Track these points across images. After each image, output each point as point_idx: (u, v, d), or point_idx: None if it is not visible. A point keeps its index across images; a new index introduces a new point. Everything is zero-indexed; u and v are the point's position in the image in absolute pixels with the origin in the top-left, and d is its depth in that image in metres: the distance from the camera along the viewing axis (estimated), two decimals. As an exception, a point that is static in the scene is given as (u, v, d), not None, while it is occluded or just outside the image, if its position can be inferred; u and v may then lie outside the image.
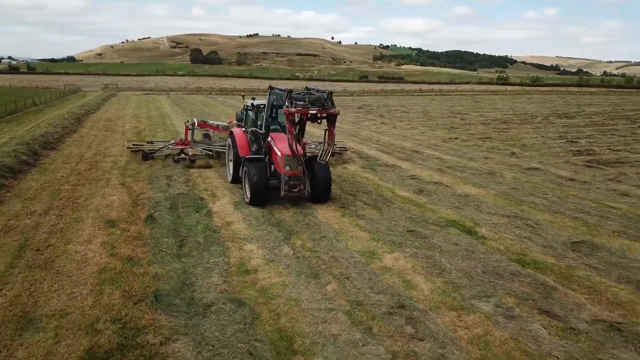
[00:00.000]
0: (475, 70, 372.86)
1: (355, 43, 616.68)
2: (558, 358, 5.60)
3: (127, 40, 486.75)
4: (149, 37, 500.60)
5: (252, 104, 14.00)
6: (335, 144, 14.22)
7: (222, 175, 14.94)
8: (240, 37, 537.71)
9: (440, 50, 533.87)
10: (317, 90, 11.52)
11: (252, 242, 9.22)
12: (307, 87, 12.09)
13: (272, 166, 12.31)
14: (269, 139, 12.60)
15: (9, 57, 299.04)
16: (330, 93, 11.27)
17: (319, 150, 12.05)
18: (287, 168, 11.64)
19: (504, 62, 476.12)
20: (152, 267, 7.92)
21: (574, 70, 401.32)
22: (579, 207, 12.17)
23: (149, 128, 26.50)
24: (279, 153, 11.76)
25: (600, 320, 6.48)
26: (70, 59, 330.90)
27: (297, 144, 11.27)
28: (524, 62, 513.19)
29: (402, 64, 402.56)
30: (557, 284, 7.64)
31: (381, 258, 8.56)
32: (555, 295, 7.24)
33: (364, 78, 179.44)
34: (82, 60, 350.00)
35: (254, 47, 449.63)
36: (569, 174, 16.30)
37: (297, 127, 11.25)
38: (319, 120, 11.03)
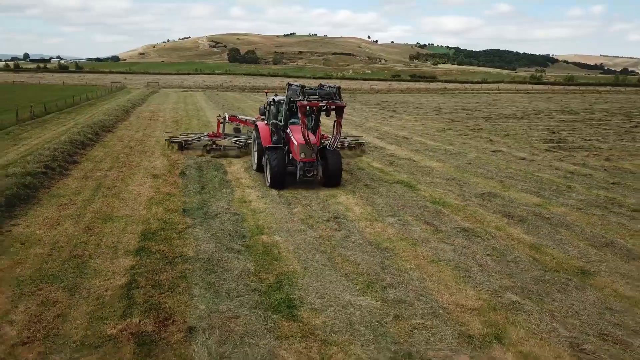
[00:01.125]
0: (514, 69, 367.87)
1: (392, 42, 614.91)
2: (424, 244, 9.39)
3: (168, 40, 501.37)
4: (189, 37, 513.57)
5: (273, 99, 15.34)
6: (347, 137, 17.40)
7: (247, 163, 16.85)
8: (277, 36, 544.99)
9: (478, 50, 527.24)
10: (328, 87, 13.16)
11: (252, 189, 13.26)
12: (320, 84, 13.75)
13: (290, 154, 13.64)
14: (288, 130, 13.93)
15: (58, 57, 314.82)
16: (339, 88, 13.05)
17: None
18: (302, 155, 13.07)
19: (544, 61, 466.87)
20: (182, 198, 12.10)
21: (619, 69, 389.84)
22: (509, 175, 15.76)
23: (185, 119, 31.04)
24: (295, 142, 13.17)
25: (459, 227, 10.24)
26: (115, 58, 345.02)
27: (312, 134, 12.91)
28: (566, 61, 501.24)
29: (439, 63, 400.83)
30: (448, 212, 11.39)
31: (337, 198, 12.49)
32: (441, 217, 11.01)
33: (396, 77, 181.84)
34: (125, 60, 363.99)
35: (291, 46, 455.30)
36: (524, 155, 19.73)
37: (313, 118, 13.34)
38: (329, 112, 12.83)
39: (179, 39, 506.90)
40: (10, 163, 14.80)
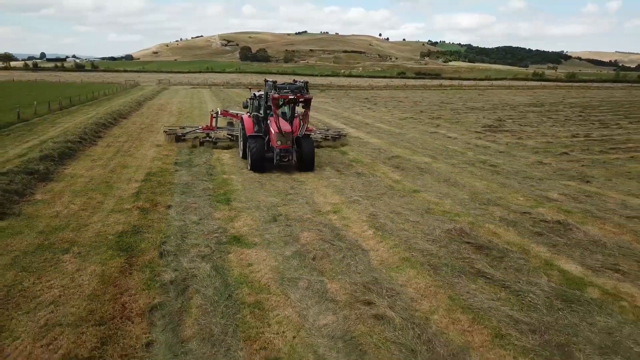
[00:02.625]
0: (526, 66, 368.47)
1: (404, 40, 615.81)
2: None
3: (181, 39, 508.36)
4: (202, 36, 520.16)
5: (254, 94, 17.02)
6: (330, 130, 21.70)
7: (235, 153, 18.81)
8: (288, 34, 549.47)
9: (490, 47, 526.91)
10: (299, 82, 15.30)
11: (231, 167, 18.40)
12: (294, 80, 15.80)
13: (270, 142, 15.37)
14: (268, 121, 15.65)
15: (73, 56, 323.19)
16: (306, 83, 15.29)
17: (324, 133, 19.64)
18: (279, 142, 14.83)
19: (557, 58, 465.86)
20: (176, 157, 17.38)
21: (634, 66, 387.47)
22: (425, 147, 20.79)
23: (189, 110, 36.41)
24: (273, 131, 15.04)
25: (357, 172, 15.34)
26: (128, 57, 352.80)
27: (287, 123, 15.24)
28: (579, 58, 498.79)
29: (450, 61, 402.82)
30: (357, 165, 16.49)
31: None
32: (351, 168, 16.10)
33: (401, 74, 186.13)
34: (139, 59, 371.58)
35: (302, 44, 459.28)
36: (455, 135, 24.71)
37: (289, 110, 16.15)
38: (298, 104, 15.47)
39: (192, 38, 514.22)
40: (53, 137, 20.18)
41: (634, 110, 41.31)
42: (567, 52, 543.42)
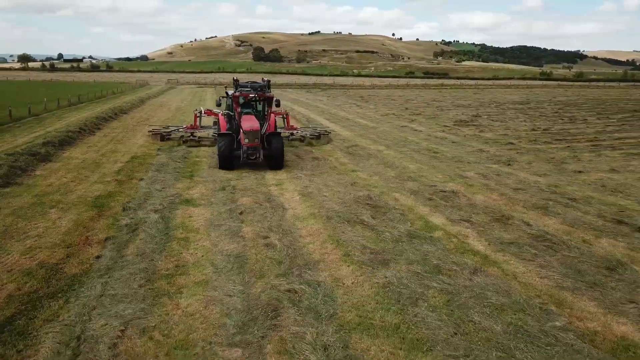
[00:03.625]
0: (541, 66, 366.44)
1: (417, 40, 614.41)
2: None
3: (195, 40, 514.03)
4: (216, 36, 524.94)
5: (226, 93, 17.60)
6: (321, 129, 22.79)
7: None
8: (302, 34, 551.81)
9: (505, 46, 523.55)
10: (263, 80, 16.89)
11: (205, 154, 21.01)
12: (263, 79, 17.13)
13: (240, 140, 15.40)
14: (241, 120, 15.68)
15: (90, 57, 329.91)
16: (268, 81, 16.62)
17: (305, 133, 20.72)
18: (247, 140, 14.87)
19: (573, 57, 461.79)
20: (160, 145, 20.03)
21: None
22: (387, 138, 23.20)
23: (188, 107, 39.14)
24: (242, 129, 15.17)
25: (313, 157, 17.83)
26: (143, 58, 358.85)
27: (256, 121, 15.22)
28: (596, 57, 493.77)
29: (463, 61, 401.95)
30: (317, 153, 18.97)
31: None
32: (310, 154, 18.60)
33: (410, 74, 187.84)
34: (154, 59, 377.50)
35: (314, 44, 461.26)
36: (422, 129, 27.06)
37: (256, 107, 16.55)
38: (259, 102, 16.57)
39: (206, 38, 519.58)
40: (58, 128, 23.01)
41: (612, 107, 43.11)
42: (583, 51, 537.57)
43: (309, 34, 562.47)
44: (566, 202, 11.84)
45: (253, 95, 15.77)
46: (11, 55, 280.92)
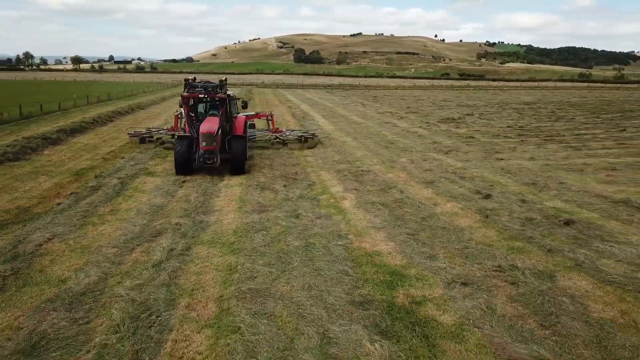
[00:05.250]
0: (590, 67, 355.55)
1: (460, 41, 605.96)
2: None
3: (239, 41, 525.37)
4: (259, 38, 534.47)
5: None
6: (310, 131, 22.46)
7: None
8: (343, 36, 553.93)
9: (552, 47, 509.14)
10: (220, 81, 15.12)
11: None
12: (221, 79, 15.35)
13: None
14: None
15: (138, 58, 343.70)
16: (221, 81, 14.99)
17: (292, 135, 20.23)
18: (204, 144, 13.91)
19: (625, 58, 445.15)
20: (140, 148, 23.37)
21: None
22: (360, 131, 25.80)
23: (204, 104, 42.84)
24: (200, 131, 14.06)
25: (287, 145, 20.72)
26: (189, 59, 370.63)
27: (214, 124, 14.18)
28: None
29: (507, 62, 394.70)
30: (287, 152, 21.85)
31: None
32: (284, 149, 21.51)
33: (445, 75, 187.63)
34: (198, 60, 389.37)
35: (355, 46, 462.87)
36: (402, 125, 29.46)
37: (221, 108, 14.95)
38: (208, 102, 15.38)
39: (249, 40, 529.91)
40: (77, 120, 26.79)
41: (612, 108, 43.87)
42: (637, 52, 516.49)
43: (351, 35, 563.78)
44: (454, 180, 14.23)
45: (203, 96, 14.59)
46: (64, 57, 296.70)
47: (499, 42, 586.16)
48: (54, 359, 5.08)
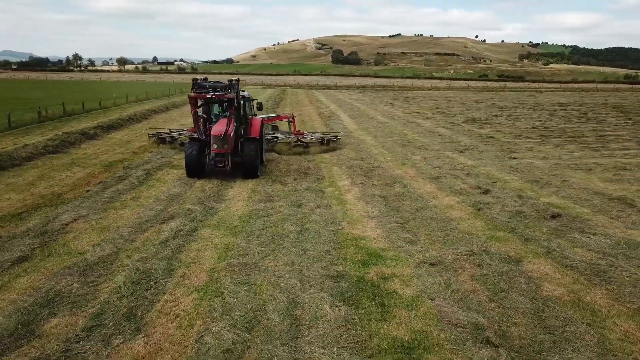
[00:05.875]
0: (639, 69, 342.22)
1: (502, 41, 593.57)
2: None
3: (278, 43, 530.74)
4: (297, 39, 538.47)
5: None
6: (333, 135, 21.78)
7: None
8: (382, 37, 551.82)
9: (599, 48, 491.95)
10: (229, 81, 13.98)
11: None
12: (231, 79, 14.27)
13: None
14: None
15: (181, 60, 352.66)
16: (230, 81, 13.95)
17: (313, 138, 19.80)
18: (215, 146, 13.52)
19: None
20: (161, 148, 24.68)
21: None
22: (382, 130, 26.40)
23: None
24: (211, 133, 13.71)
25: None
26: (229, 61, 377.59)
27: (221, 125, 13.79)
28: None
29: (550, 63, 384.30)
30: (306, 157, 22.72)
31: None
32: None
33: (484, 76, 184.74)
34: (238, 62, 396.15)
35: (394, 47, 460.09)
36: (425, 124, 29.87)
37: (231, 109, 13.67)
38: (221, 104, 14.64)
39: (288, 42, 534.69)
40: (114, 118, 28.43)
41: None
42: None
43: (390, 36, 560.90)
44: (459, 176, 14.73)
45: (210, 96, 13.56)
46: (110, 59, 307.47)
47: (542, 42, 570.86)
48: (64, 310, 6.05)
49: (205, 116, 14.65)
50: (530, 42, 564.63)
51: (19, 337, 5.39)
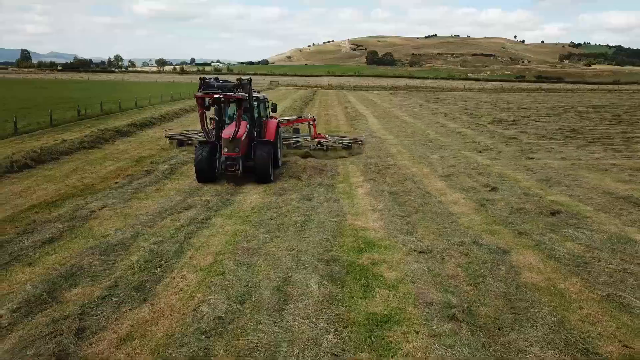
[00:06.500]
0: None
1: (542, 42, 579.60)
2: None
3: (313, 44, 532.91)
4: (332, 41, 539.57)
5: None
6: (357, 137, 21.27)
7: None
8: (417, 38, 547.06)
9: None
10: (238, 80, 13.25)
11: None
12: (240, 78, 13.54)
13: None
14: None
15: (217, 61, 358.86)
16: (239, 80, 13.17)
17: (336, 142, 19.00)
18: (225, 149, 13.02)
19: None
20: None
21: None
22: (405, 130, 26.77)
23: (267, 103, 45.15)
24: (222, 136, 13.30)
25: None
26: (264, 62, 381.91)
27: (230, 127, 13.31)
28: None
29: (593, 64, 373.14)
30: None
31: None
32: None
33: (520, 77, 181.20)
34: (274, 63, 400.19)
35: (430, 48, 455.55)
36: (451, 125, 30.06)
37: (239, 110, 13.12)
38: (228, 104, 13.74)
39: (323, 43, 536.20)
40: (147, 117, 29.71)
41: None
42: None
43: (425, 37, 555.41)
44: (471, 174, 15.06)
45: (218, 96, 12.93)
46: (150, 60, 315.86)
47: (584, 42, 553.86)
48: (84, 282, 6.85)
49: (217, 118, 14.20)
50: (571, 42, 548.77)
51: (44, 302, 6.20)
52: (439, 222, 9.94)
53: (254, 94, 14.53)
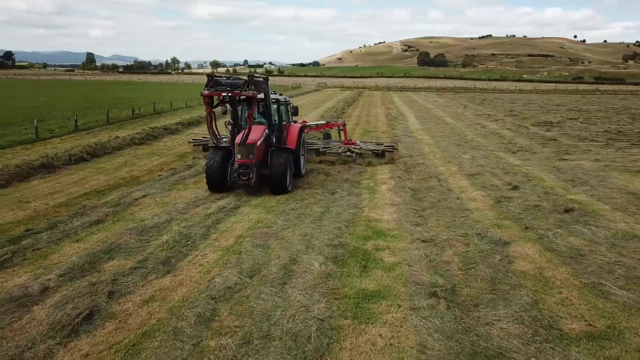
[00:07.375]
0: None
1: (604, 41, 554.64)
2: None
3: (364, 45, 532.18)
4: (384, 42, 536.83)
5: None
6: (390, 144, 18.94)
7: None
8: (471, 38, 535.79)
9: None
10: (248, 76, 11.89)
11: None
12: (250, 75, 12.16)
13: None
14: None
15: (270, 63, 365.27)
16: (249, 76, 11.82)
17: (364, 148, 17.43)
18: (238, 156, 12.07)
19: None
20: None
21: None
22: (444, 131, 27.00)
23: (315, 103, 46.13)
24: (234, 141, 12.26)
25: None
26: (315, 64, 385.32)
27: (251, 131, 11.80)
28: None
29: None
30: (374, 136, 23.99)
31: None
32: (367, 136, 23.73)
33: (578, 79, 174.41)
34: (324, 64, 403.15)
35: (483, 48, 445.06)
36: (491, 126, 29.99)
37: (250, 110, 11.66)
38: (239, 103, 12.21)
39: (374, 44, 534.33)
40: (195, 116, 31.25)
41: None
42: None
43: (479, 37, 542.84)
44: (497, 174, 15.34)
45: (226, 95, 11.57)
46: (205, 62, 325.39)
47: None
48: (120, 256, 7.90)
49: (232, 121, 13.30)
50: (637, 41, 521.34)
51: (85, 270, 7.27)
52: (451, 216, 10.44)
53: (274, 96, 13.79)
